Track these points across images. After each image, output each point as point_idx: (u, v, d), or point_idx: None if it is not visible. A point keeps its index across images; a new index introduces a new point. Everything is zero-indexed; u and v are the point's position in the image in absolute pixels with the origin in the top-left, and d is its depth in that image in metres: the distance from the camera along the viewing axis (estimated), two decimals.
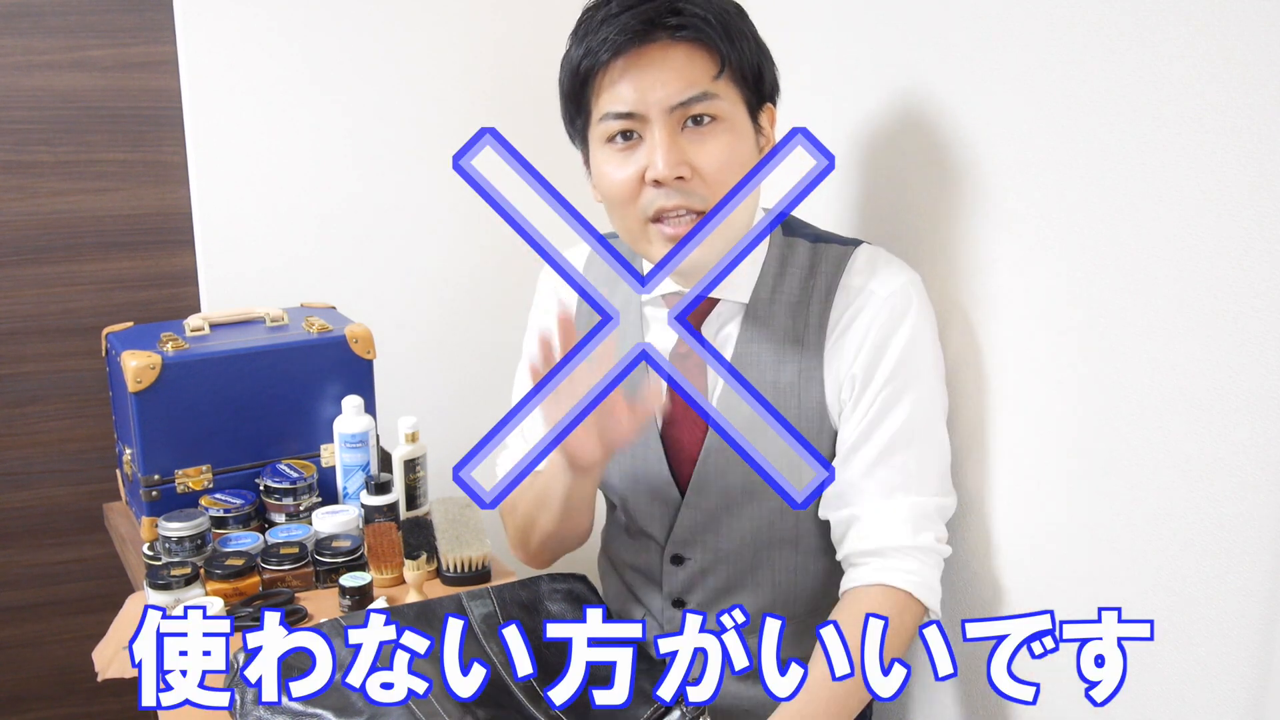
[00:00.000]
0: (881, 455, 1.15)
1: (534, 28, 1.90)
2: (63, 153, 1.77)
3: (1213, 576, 0.95)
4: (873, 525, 1.15)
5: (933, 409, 1.18)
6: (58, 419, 1.85)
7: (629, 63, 1.08)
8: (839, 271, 1.18)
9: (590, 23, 1.11)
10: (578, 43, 1.12)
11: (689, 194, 1.10)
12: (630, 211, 1.13)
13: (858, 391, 1.16)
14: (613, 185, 1.13)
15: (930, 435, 1.17)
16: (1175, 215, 0.94)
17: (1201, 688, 0.97)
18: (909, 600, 1.12)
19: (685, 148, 1.09)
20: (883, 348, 1.14)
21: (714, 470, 1.19)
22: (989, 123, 1.15)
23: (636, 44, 1.07)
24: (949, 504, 1.19)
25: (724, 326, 1.20)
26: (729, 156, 1.10)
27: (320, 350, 1.55)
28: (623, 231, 1.17)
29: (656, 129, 1.09)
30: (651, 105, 1.08)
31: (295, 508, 1.50)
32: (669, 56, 1.08)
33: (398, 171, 1.88)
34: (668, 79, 1.08)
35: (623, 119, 1.10)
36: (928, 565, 1.14)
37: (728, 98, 1.10)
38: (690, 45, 1.09)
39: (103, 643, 1.28)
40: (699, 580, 1.24)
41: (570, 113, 1.17)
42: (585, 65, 1.10)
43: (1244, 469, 0.90)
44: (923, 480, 1.16)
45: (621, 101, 1.09)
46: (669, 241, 1.11)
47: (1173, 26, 0.92)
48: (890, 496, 1.15)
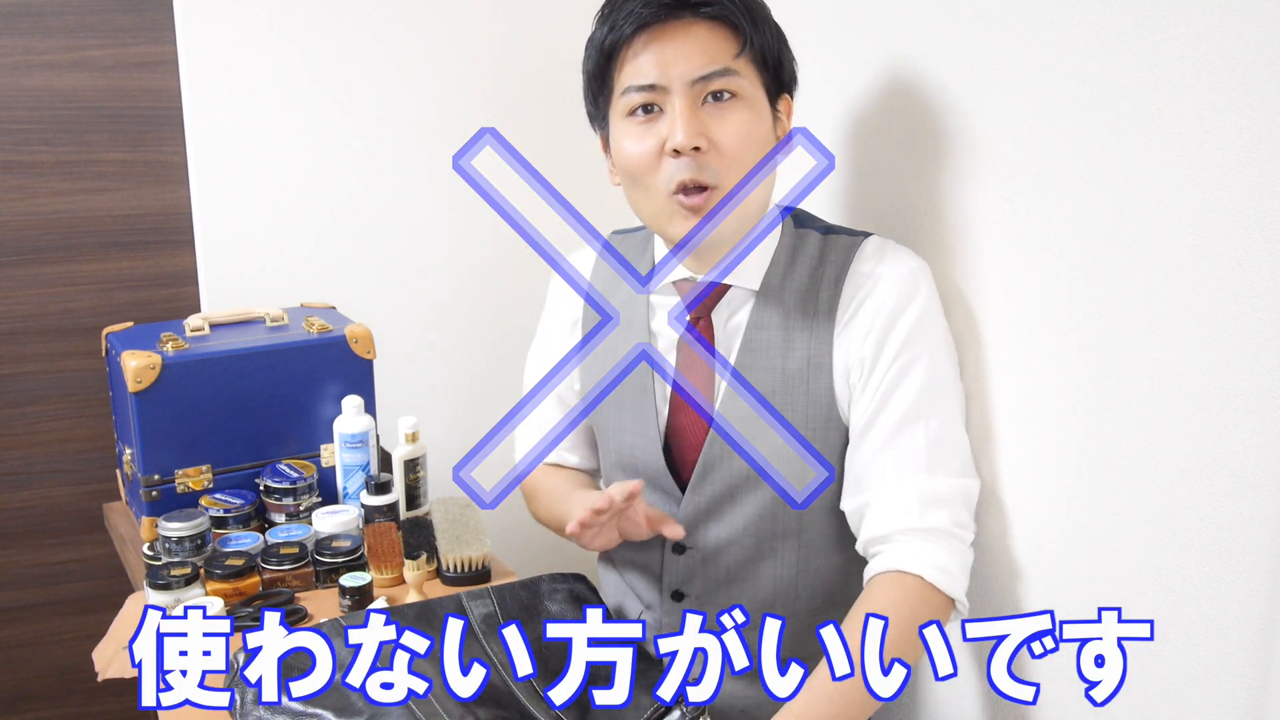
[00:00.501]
0: (892, 434, 1.13)
1: (534, 28, 1.90)
2: (63, 153, 1.77)
3: (1213, 576, 0.94)
4: (882, 510, 1.13)
5: (944, 385, 1.15)
6: (58, 419, 1.85)
7: (652, 37, 1.11)
8: (849, 259, 1.19)
9: (616, 1, 1.14)
10: (603, 21, 1.15)
11: (705, 168, 1.11)
12: (651, 183, 1.14)
13: (866, 372, 1.15)
14: (632, 158, 1.14)
15: (942, 413, 1.14)
16: (1175, 215, 0.94)
17: (1201, 688, 0.97)
18: (923, 586, 1.09)
19: (704, 121, 1.11)
20: (890, 327, 1.14)
21: (719, 456, 1.20)
22: (989, 123, 1.15)
23: (661, 19, 1.10)
24: (969, 486, 1.15)
25: (735, 313, 1.21)
26: (747, 133, 1.12)
27: (320, 350, 1.55)
28: (644, 211, 1.18)
29: (677, 101, 1.11)
30: (674, 78, 1.11)
31: (295, 508, 1.50)
32: (692, 32, 1.11)
33: (398, 171, 1.88)
34: (690, 53, 1.10)
35: (644, 91, 1.12)
36: (941, 548, 1.10)
37: (748, 77, 1.13)
38: (713, 23, 1.11)
39: (103, 643, 1.28)
40: (699, 570, 1.24)
41: (594, 90, 1.19)
42: (610, 40, 1.13)
43: (1244, 469, 0.90)
44: (935, 460, 1.13)
45: (643, 74, 1.12)
46: (690, 213, 1.13)
47: (1173, 26, 0.92)
48: (901, 479, 1.12)
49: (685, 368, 1.22)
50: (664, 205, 1.14)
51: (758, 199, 1.17)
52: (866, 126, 1.37)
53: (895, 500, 1.12)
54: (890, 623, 1.04)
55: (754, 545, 1.22)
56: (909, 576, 1.09)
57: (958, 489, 1.13)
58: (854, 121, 1.39)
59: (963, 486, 1.14)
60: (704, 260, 1.20)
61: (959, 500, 1.14)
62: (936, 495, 1.12)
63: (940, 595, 1.09)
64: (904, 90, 1.28)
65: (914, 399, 1.13)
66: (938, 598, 1.09)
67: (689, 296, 1.21)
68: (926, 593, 1.09)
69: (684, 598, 1.26)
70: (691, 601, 1.25)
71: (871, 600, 1.09)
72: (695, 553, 1.24)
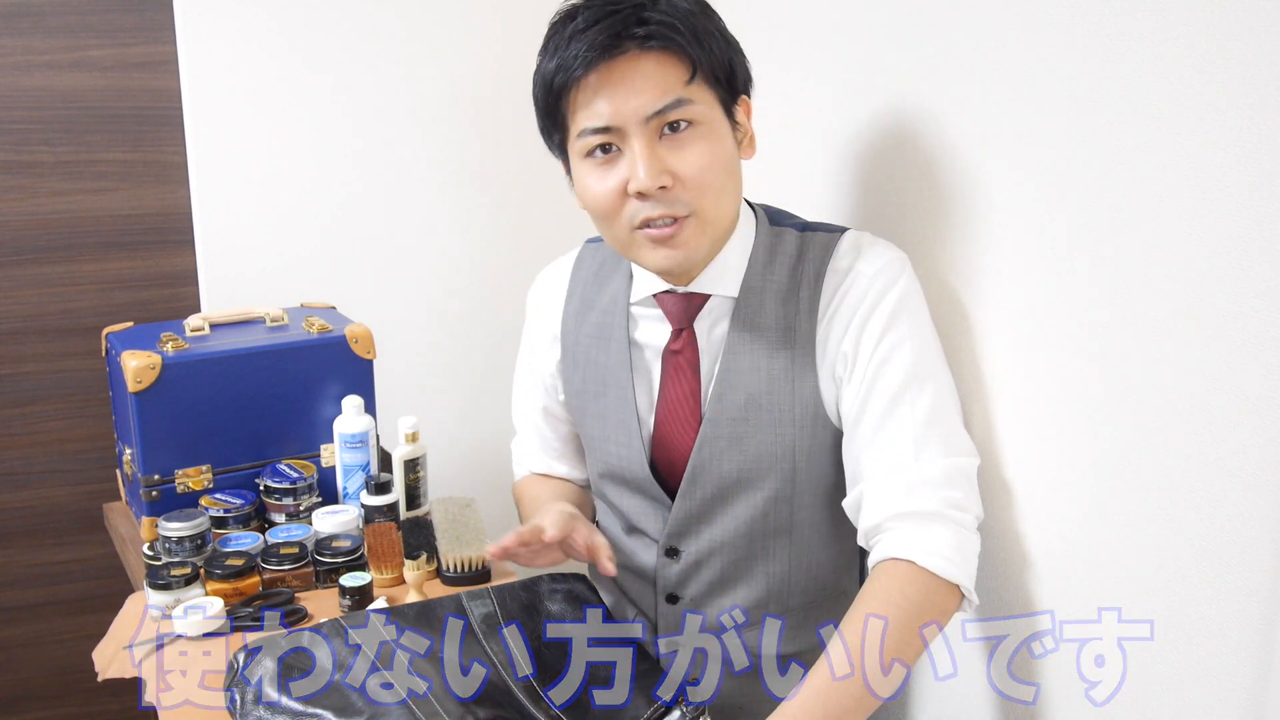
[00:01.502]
0: (879, 423, 1.12)
1: (534, 28, 1.88)
2: (63, 153, 1.77)
3: (1213, 576, 0.94)
4: (873, 500, 1.12)
5: (928, 368, 1.14)
6: (58, 419, 1.85)
7: (601, 77, 1.09)
8: (826, 257, 1.18)
9: (559, 38, 1.12)
10: (549, 58, 1.12)
11: (672, 202, 1.10)
12: (616, 222, 1.14)
13: (850, 365, 1.15)
14: (596, 199, 1.13)
15: (929, 396, 1.13)
16: (1175, 215, 0.94)
17: (1201, 688, 0.97)
18: (918, 573, 1.06)
19: (665, 156, 1.10)
20: (869, 319, 1.14)
21: (708, 462, 1.20)
22: (989, 122, 1.15)
23: (607, 57, 1.08)
24: (962, 465, 1.12)
25: (717, 323, 1.21)
26: (709, 160, 1.11)
27: (320, 350, 1.55)
28: (611, 241, 1.18)
29: (635, 140, 1.09)
30: (628, 117, 1.09)
31: (295, 508, 1.51)
32: (640, 66, 1.09)
33: (398, 171, 1.88)
34: (641, 89, 1.08)
35: (600, 134, 1.10)
36: (932, 530, 1.08)
37: (702, 100, 1.11)
38: (660, 54, 1.09)
39: (103, 643, 1.28)
40: (693, 574, 1.24)
41: (547, 127, 1.17)
42: (559, 81, 1.11)
43: (1244, 469, 0.90)
44: (921, 443, 1.11)
45: (598, 116, 1.10)
46: (657, 244, 1.12)
47: (1173, 26, 0.92)
48: (889, 466, 1.11)
49: (670, 377, 1.22)
50: (629, 239, 1.14)
51: (730, 216, 1.17)
52: (861, 126, 1.37)
53: (884, 488, 1.11)
54: (890, 620, 1.02)
55: (746, 546, 1.22)
56: (902, 563, 1.07)
57: (946, 469, 1.11)
58: (847, 122, 1.39)
59: (953, 466, 1.11)
60: (681, 274, 1.19)
61: (949, 480, 1.11)
62: (924, 478, 1.10)
63: (938, 581, 1.06)
64: (900, 91, 1.28)
65: (898, 386, 1.12)
66: (935, 583, 1.06)
67: (670, 308, 1.21)
68: (923, 579, 1.06)
69: (679, 600, 1.26)
70: (686, 604, 1.25)
71: (870, 594, 1.07)
72: (688, 557, 1.24)
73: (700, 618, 1.25)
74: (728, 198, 1.14)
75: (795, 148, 1.48)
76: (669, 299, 1.21)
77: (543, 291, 1.36)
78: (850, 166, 1.41)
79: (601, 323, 1.27)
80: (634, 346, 1.25)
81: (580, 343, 1.29)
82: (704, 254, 1.15)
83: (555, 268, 1.37)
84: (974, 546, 1.11)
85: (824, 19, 1.43)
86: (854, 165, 1.40)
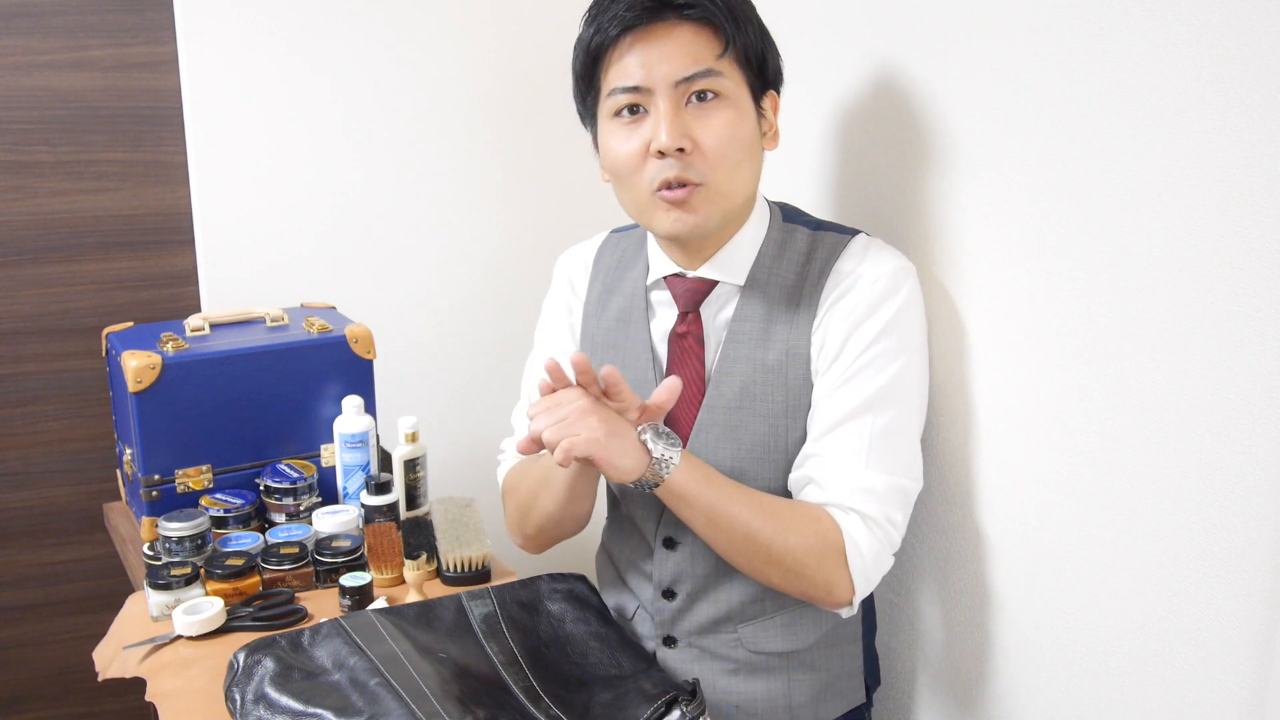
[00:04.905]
0: (838, 421, 1.15)
1: (534, 27, 1.90)
2: (63, 153, 1.77)
3: (1213, 576, 0.95)
4: (821, 492, 1.15)
5: (905, 389, 1.17)
6: (58, 419, 1.85)
7: (636, 39, 1.13)
8: (834, 257, 1.21)
9: (602, 3, 1.16)
10: (589, 23, 1.17)
11: (688, 167, 1.14)
12: (636, 182, 1.17)
13: (830, 359, 1.17)
14: (619, 157, 1.17)
15: (894, 414, 1.16)
16: (1175, 215, 0.94)
17: (1201, 688, 0.97)
18: (834, 539, 1.12)
19: (688, 122, 1.14)
20: (863, 321, 1.16)
21: (705, 447, 1.21)
22: (988, 122, 1.15)
23: (645, 21, 1.13)
24: (905, 486, 1.17)
25: (723, 308, 1.23)
26: (730, 133, 1.14)
27: (320, 350, 1.55)
28: (630, 205, 1.21)
29: (661, 102, 1.13)
30: (657, 80, 1.13)
31: (295, 508, 1.51)
32: (675, 34, 1.13)
33: (398, 171, 1.88)
34: (673, 54, 1.13)
35: (629, 93, 1.14)
36: (865, 532, 1.13)
37: (731, 77, 1.15)
38: (697, 25, 1.13)
39: (103, 643, 1.28)
40: (688, 567, 1.24)
41: (582, 90, 1.21)
42: (596, 42, 1.16)
43: (1244, 469, 0.90)
44: (874, 454, 1.14)
45: (629, 76, 1.14)
46: (671, 206, 1.15)
47: (1172, 26, 0.93)
48: (838, 466, 1.15)
49: (677, 360, 1.24)
50: (648, 201, 1.17)
51: (743, 195, 1.18)
52: (858, 125, 1.37)
53: (834, 482, 1.14)
54: (785, 528, 1.12)
55: None
56: (832, 527, 1.13)
57: (890, 485, 1.15)
58: (845, 120, 1.39)
59: (896, 484, 1.16)
60: (693, 256, 1.22)
61: (890, 497, 1.15)
62: (870, 486, 1.14)
63: (843, 569, 1.13)
64: (897, 88, 1.28)
65: (870, 395, 1.15)
66: (838, 564, 1.13)
67: (678, 291, 1.23)
68: (835, 554, 1.13)
69: (674, 596, 1.26)
70: (682, 600, 1.25)
71: (793, 504, 1.15)
72: (685, 547, 1.24)
73: (698, 616, 1.25)
74: (742, 175, 1.17)
75: (796, 148, 1.48)
76: (678, 282, 1.24)
77: (572, 265, 1.38)
78: (841, 165, 1.41)
79: (622, 308, 1.30)
80: (652, 333, 1.27)
81: (601, 328, 1.31)
82: (714, 225, 1.17)
83: (582, 247, 1.39)
84: (885, 567, 1.17)
85: (816, 18, 1.43)
86: (845, 164, 1.40)
